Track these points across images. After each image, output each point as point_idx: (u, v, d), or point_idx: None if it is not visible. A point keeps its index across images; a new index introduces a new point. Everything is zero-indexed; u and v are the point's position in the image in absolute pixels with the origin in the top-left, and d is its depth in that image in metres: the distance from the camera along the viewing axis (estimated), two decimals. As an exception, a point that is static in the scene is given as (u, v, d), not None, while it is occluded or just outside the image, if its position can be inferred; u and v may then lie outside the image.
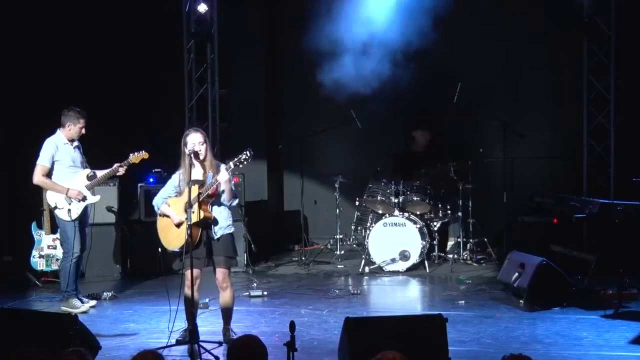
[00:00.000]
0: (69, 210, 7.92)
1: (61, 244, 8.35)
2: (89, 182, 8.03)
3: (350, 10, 10.08)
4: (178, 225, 6.48)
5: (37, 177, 7.92)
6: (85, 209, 8.08)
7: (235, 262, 6.90)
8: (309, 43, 11.11)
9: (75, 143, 8.08)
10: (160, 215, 6.64)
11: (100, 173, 8.06)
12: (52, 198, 7.98)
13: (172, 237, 6.54)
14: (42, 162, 7.91)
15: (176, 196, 6.59)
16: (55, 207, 7.96)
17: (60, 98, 9.27)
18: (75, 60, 10.35)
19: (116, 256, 9.78)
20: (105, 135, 9.93)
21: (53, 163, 7.93)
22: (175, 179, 6.63)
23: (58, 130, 8.00)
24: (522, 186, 10.23)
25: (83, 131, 8.03)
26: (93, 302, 8.24)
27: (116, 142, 10.00)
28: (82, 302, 8.05)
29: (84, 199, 7.98)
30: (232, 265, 6.78)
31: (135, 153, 7.98)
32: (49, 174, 7.93)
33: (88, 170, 8.08)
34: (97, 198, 8.20)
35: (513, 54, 10.88)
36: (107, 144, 9.54)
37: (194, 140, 6.47)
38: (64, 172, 7.96)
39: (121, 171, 8.05)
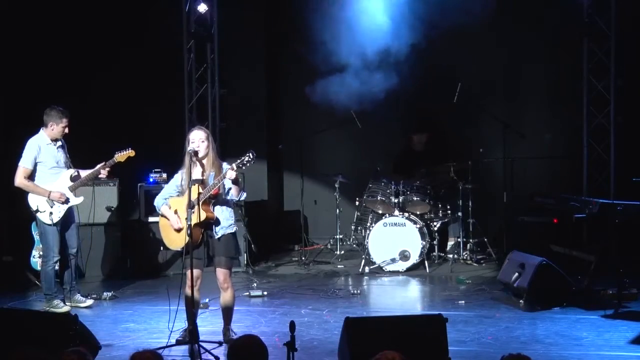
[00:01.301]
0: (51, 213, 7.81)
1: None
2: (72, 183, 7.93)
3: (350, 11, 10.08)
4: (178, 230, 6.47)
5: (19, 180, 7.81)
6: (69, 210, 7.97)
7: (238, 262, 6.89)
8: (309, 43, 11.12)
9: (59, 143, 7.97)
10: (161, 215, 6.64)
11: (83, 173, 7.98)
12: (33, 201, 7.85)
13: (174, 237, 6.54)
14: (24, 164, 7.81)
15: (178, 196, 6.58)
16: (37, 210, 7.85)
17: (60, 97, 9.25)
18: (75, 60, 10.34)
19: (116, 256, 9.78)
20: (105, 136, 9.93)
21: (35, 165, 7.83)
22: (178, 178, 6.62)
23: (41, 130, 7.90)
24: (522, 186, 10.23)
25: (66, 130, 7.92)
26: (90, 302, 8.21)
27: (116, 142, 9.98)
28: (64, 302, 8.01)
29: (67, 201, 7.88)
30: (234, 266, 6.77)
31: (122, 151, 7.90)
32: (31, 176, 7.83)
33: (72, 171, 7.98)
34: (80, 200, 8.06)
35: (513, 54, 10.88)
36: (106, 144, 9.50)
37: (196, 137, 6.46)
38: (46, 173, 7.86)
39: (104, 173, 7.95)
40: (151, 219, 9.53)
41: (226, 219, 6.52)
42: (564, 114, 10.79)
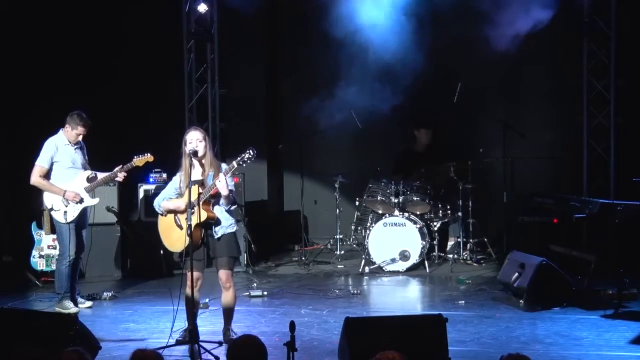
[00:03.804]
0: (65, 212, 7.87)
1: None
2: (88, 184, 7.98)
3: (350, 11, 10.07)
4: (184, 211, 6.40)
5: (34, 178, 7.89)
6: (84, 211, 8.02)
7: (238, 262, 6.88)
8: (309, 43, 11.13)
9: (77, 145, 8.03)
10: (162, 214, 6.60)
11: (100, 175, 8.03)
12: (48, 199, 7.94)
13: (175, 239, 6.51)
14: (41, 162, 7.88)
15: (177, 197, 6.56)
16: (52, 209, 7.92)
17: (61, 98, 9.28)
18: (76, 61, 10.34)
19: (116, 256, 9.78)
20: (105, 136, 9.91)
21: (52, 164, 7.90)
22: (176, 180, 6.60)
23: (60, 131, 7.98)
24: (522, 186, 10.23)
25: (80, 138, 7.98)
26: (89, 303, 8.23)
27: (116, 142, 10.02)
28: (75, 303, 8.02)
29: (81, 201, 7.93)
30: (235, 265, 6.77)
31: (140, 156, 7.92)
32: (47, 175, 7.90)
33: (89, 172, 8.04)
34: (95, 201, 8.12)
35: (513, 54, 10.86)
36: (106, 144, 9.55)
37: (193, 138, 6.44)
38: (63, 173, 7.93)
39: (120, 177, 7.98)
40: (151, 219, 9.51)
41: (226, 219, 6.51)
42: (564, 114, 10.79)
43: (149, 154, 7.92)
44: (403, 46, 9.98)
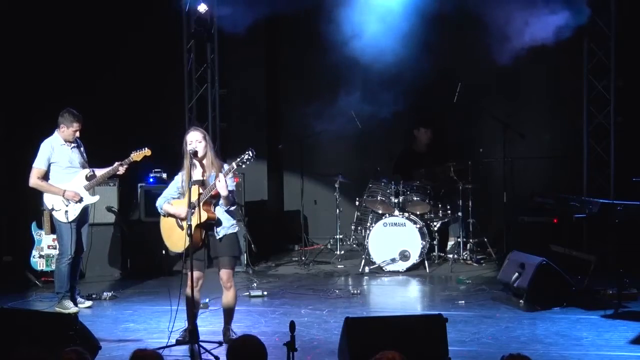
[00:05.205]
0: (66, 211, 7.87)
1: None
2: (87, 183, 7.99)
3: (350, 11, 10.07)
4: (185, 219, 6.41)
5: (33, 180, 7.89)
6: (85, 209, 8.03)
7: (239, 262, 6.89)
8: (309, 43, 11.12)
9: (74, 143, 8.03)
10: (164, 216, 6.62)
11: (99, 172, 8.03)
12: (49, 200, 7.94)
13: (177, 239, 6.50)
14: (38, 164, 7.88)
15: (178, 198, 6.56)
16: (53, 209, 7.92)
17: (61, 98, 9.27)
18: (76, 61, 10.35)
19: (116, 256, 9.79)
20: (105, 135, 9.95)
21: (49, 165, 7.89)
22: (178, 180, 6.59)
23: (55, 131, 7.97)
24: (522, 186, 10.23)
25: (77, 134, 7.97)
26: (89, 303, 8.23)
27: (116, 142, 10.01)
28: (75, 303, 8.03)
29: (81, 199, 7.93)
30: (236, 265, 6.78)
31: (137, 151, 7.94)
32: (45, 176, 7.90)
33: (87, 170, 8.03)
34: (95, 198, 8.14)
35: (513, 54, 10.85)
36: (107, 144, 9.55)
37: (193, 138, 6.44)
38: (61, 173, 7.92)
39: (121, 170, 7.99)
40: (151, 219, 9.51)
41: (227, 219, 6.50)
42: (564, 114, 10.79)
43: (146, 149, 7.93)
44: (403, 47, 9.98)
